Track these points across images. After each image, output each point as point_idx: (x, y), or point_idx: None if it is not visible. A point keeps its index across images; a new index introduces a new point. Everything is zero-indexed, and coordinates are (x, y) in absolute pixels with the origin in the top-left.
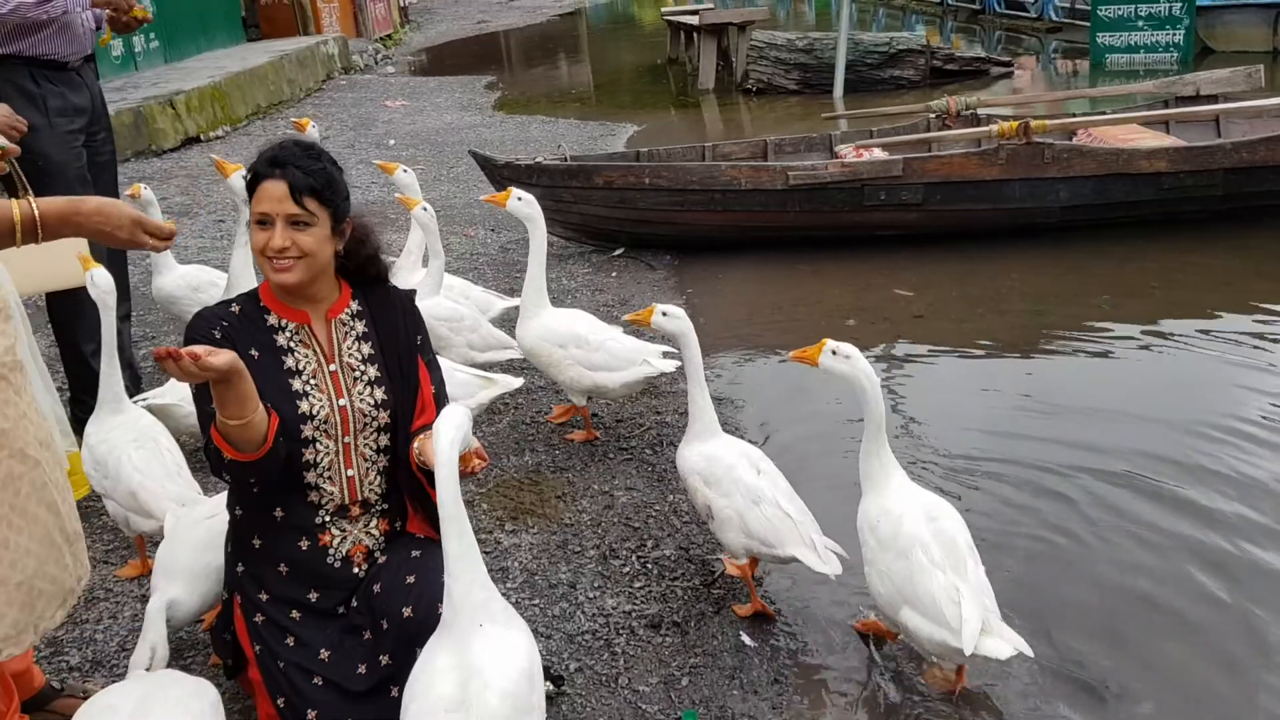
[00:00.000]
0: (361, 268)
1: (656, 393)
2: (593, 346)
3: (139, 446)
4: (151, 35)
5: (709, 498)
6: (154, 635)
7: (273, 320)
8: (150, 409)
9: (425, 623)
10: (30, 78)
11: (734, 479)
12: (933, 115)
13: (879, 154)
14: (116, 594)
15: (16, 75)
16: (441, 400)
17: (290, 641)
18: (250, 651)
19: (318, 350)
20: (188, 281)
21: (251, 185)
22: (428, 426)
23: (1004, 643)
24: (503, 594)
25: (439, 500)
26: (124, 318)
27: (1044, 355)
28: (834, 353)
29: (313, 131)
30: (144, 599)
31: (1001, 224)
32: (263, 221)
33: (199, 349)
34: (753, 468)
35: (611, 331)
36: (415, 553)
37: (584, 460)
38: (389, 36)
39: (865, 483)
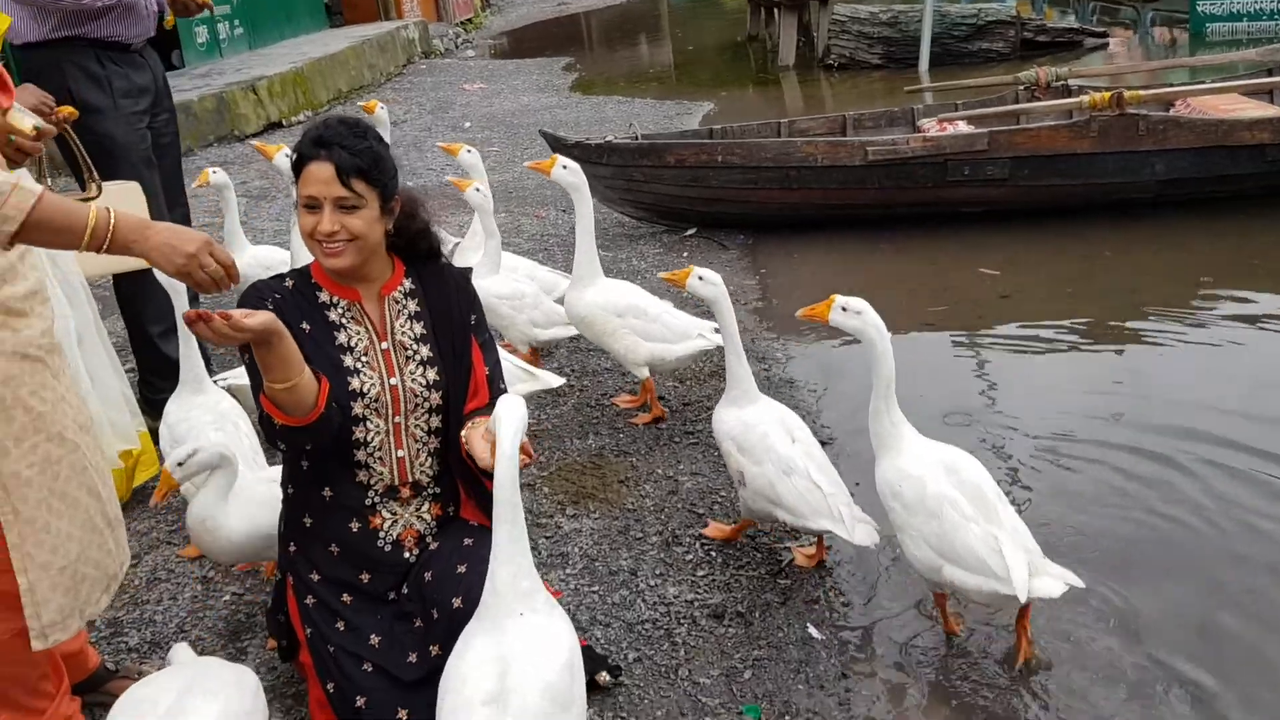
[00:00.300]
0: (412, 243)
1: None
2: (651, 318)
3: (218, 429)
4: (236, 22)
5: (741, 464)
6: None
7: (324, 297)
8: (229, 389)
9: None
10: (95, 59)
11: (767, 447)
12: (1021, 87)
13: (963, 127)
14: (178, 575)
15: (82, 57)
16: (495, 383)
17: (340, 626)
18: (302, 634)
19: (370, 328)
20: (260, 261)
21: (297, 166)
22: (479, 410)
23: (1054, 580)
24: (561, 580)
25: (495, 496)
26: (194, 299)
27: (1138, 336)
28: (844, 309)
29: (381, 114)
30: (205, 580)
31: (1093, 199)
32: (310, 205)
33: (234, 311)
34: (787, 435)
35: (666, 305)
36: (467, 541)
37: (648, 444)
38: (469, 20)
39: (877, 444)
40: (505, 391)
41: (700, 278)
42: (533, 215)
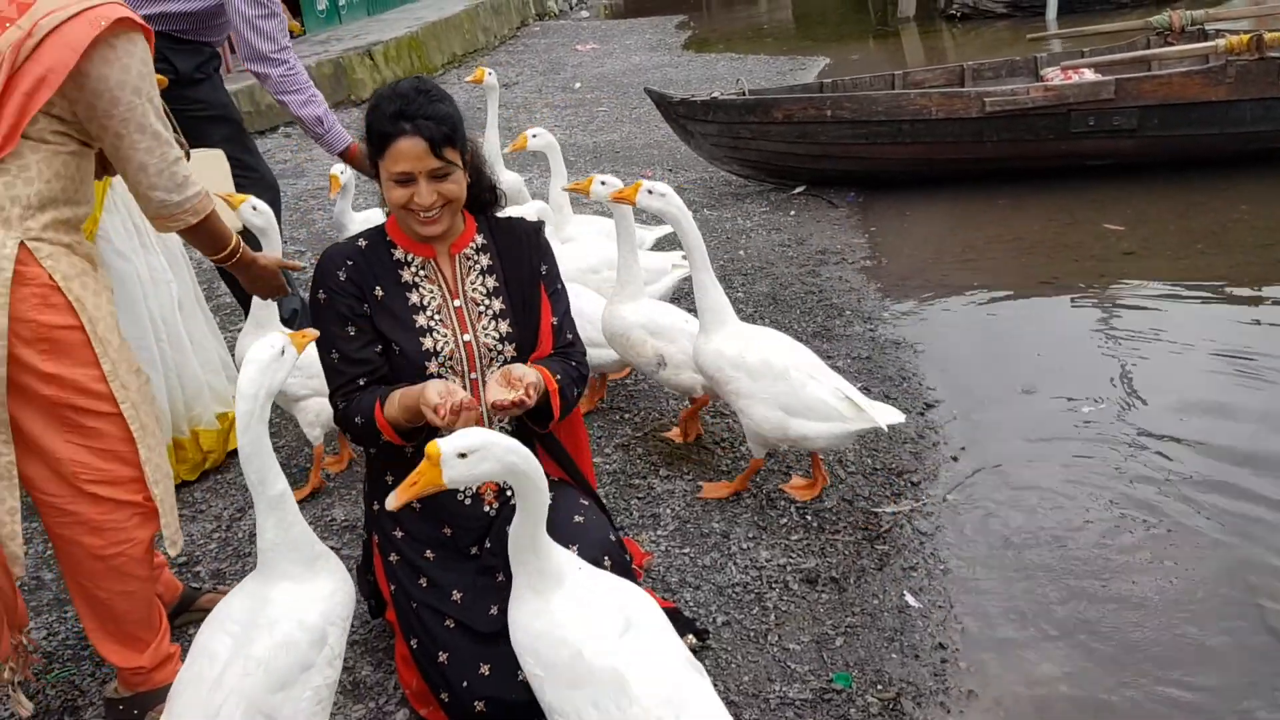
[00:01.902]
0: (478, 185)
1: (829, 336)
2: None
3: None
4: None
5: (659, 346)
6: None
7: (399, 254)
8: None
9: None
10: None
11: (679, 329)
12: (1154, 32)
13: (1089, 75)
14: None
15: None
16: (561, 333)
17: (423, 582)
18: (387, 591)
19: (442, 285)
20: (370, 222)
21: (379, 143)
22: (540, 362)
23: (892, 410)
24: (652, 541)
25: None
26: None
27: (1275, 296)
28: (649, 191)
29: (490, 80)
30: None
31: (1229, 150)
32: (403, 179)
33: (447, 406)
34: (686, 321)
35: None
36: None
37: None
38: None
39: (709, 317)
40: (571, 342)
41: (602, 183)
42: (640, 174)
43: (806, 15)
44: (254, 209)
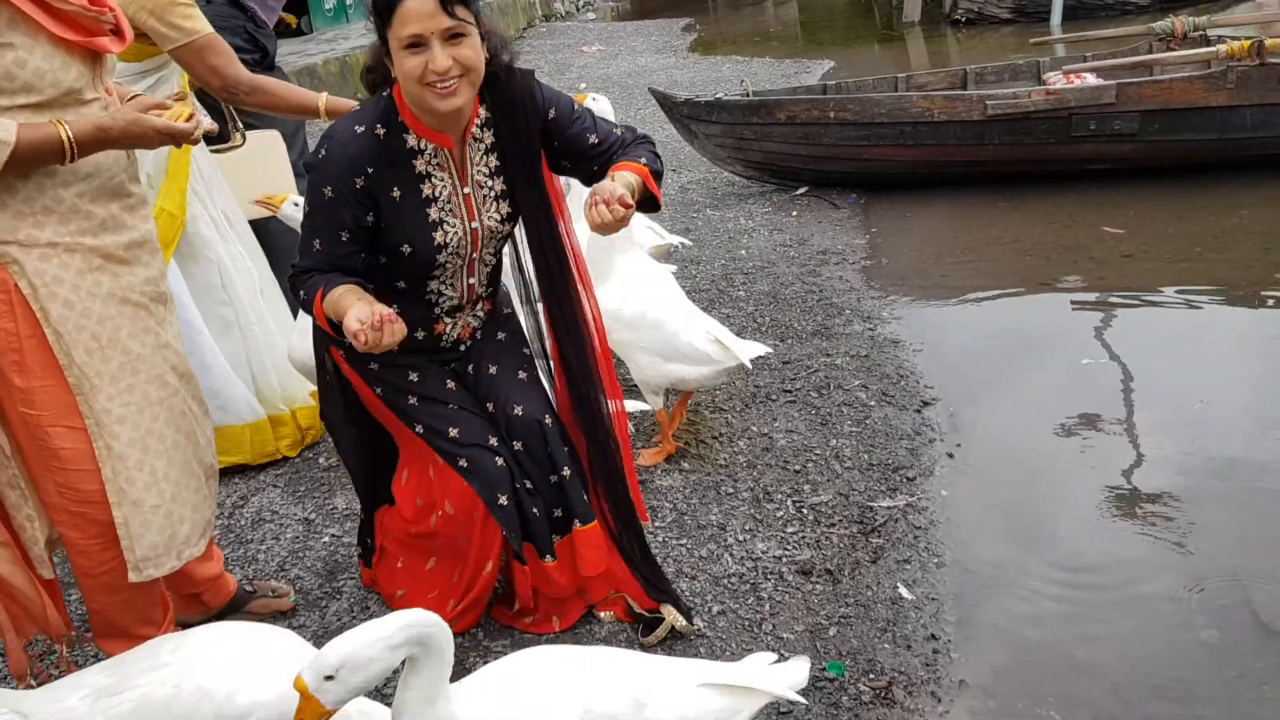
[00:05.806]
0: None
1: (828, 334)
2: None
3: None
4: None
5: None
6: None
7: (412, 142)
8: None
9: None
10: (251, 20)
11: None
12: (1156, 38)
13: (1090, 80)
14: (282, 516)
15: (240, 18)
16: (611, 138)
17: (414, 378)
18: (371, 395)
19: (453, 173)
20: None
21: (385, 10)
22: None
23: (756, 346)
24: (649, 532)
25: None
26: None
27: (1274, 299)
28: (294, 204)
29: None
30: (306, 522)
31: (1229, 156)
32: (414, 44)
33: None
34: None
35: None
36: (500, 335)
37: (744, 401)
38: None
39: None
40: (622, 138)
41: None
42: None
43: (812, 20)
44: (295, 205)
